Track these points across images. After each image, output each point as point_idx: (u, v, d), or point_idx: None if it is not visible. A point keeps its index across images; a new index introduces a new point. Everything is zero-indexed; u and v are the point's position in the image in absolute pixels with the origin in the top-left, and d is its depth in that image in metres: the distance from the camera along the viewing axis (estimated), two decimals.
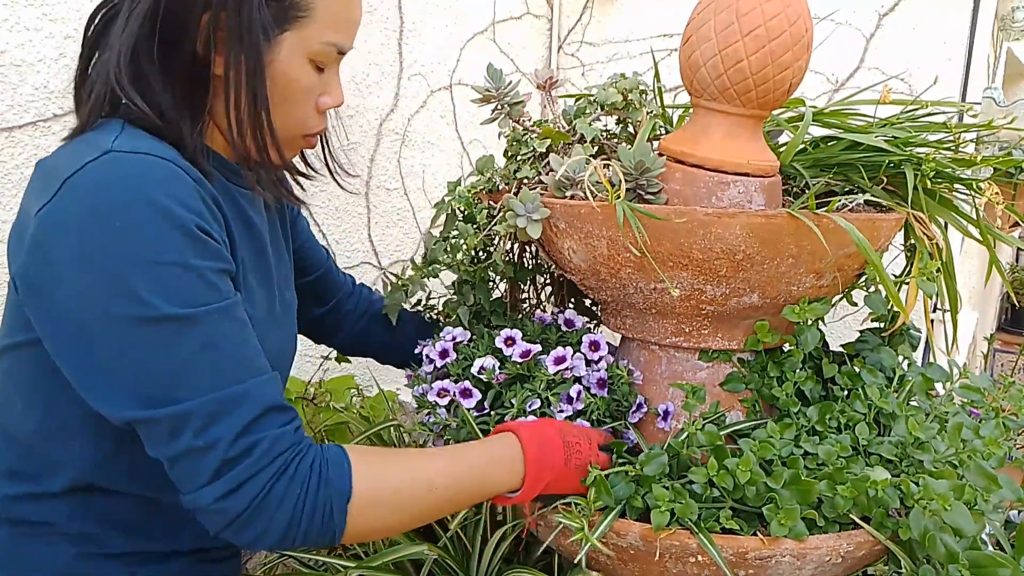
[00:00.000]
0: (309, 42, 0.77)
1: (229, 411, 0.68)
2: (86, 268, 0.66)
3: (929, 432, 0.88)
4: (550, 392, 0.89)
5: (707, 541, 0.78)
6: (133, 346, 0.66)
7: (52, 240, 0.67)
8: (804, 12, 0.85)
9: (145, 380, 0.67)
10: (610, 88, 0.99)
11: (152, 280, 0.66)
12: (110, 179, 0.67)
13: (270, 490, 0.69)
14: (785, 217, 0.80)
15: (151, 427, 0.68)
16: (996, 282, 3.50)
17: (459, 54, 1.91)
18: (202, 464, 0.68)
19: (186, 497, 0.70)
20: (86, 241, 0.65)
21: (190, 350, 0.67)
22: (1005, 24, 2.08)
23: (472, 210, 0.96)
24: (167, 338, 0.66)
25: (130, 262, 0.65)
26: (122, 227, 0.65)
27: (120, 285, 0.65)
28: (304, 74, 0.78)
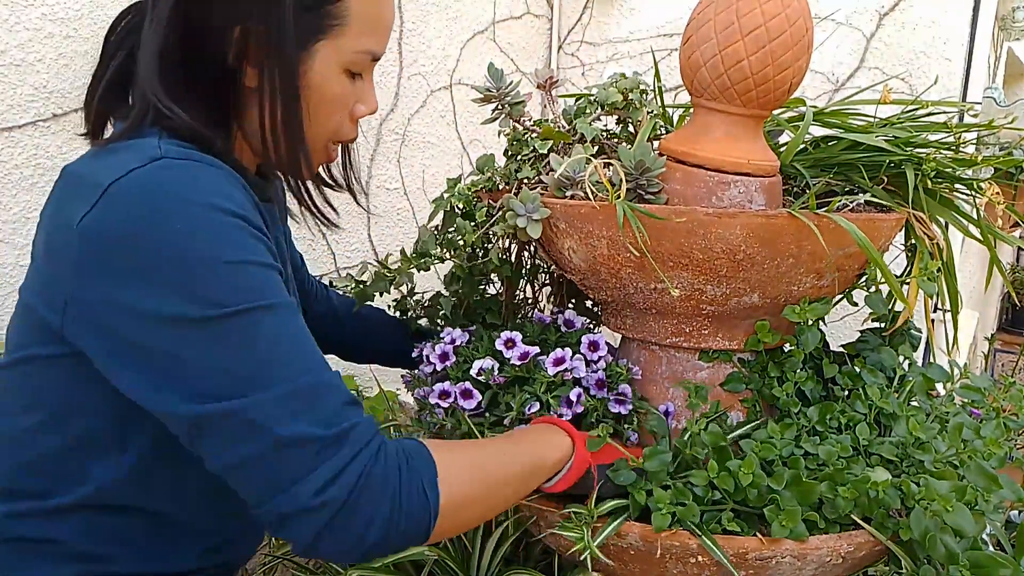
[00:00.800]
0: (343, 51, 0.75)
1: (315, 399, 0.65)
2: (152, 274, 0.63)
3: (930, 432, 0.88)
4: (550, 394, 0.89)
5: (709, 541, 0.78)
6: (215, 343, 0.64)
7: (103, 248, 0.64)
8: (804, 12, 0.85)
9: (222, 375, 0.63)
10: (610, 88, 0.99)
11: (224, 278, 0.64)
12: (164, 183, 0.65)
13: (368, 475, 0.65)
14: (786, 217, 0.80)
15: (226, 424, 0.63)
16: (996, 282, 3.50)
17: (459, 54, 1.91)
18: (295, 456, 0.63)
19: (277, 500, 0.64)
20: (147, 247, 0.63)
21: (272, 339, 0.65)
22: (1006, 24, 2.08)
23: (471, 208, 0.96)
24: (248, 330, 0.64)
25: (199, 263, 0.63)
26: (184, 229, 0.63)
27: (193, 288, 0.63)
28: (339, 83, 0.77)
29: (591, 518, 0.80)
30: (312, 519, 0.64)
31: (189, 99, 0.72)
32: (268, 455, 0.63)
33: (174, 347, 0.64)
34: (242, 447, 0.63)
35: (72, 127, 1.23)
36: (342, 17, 0.74)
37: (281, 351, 0.65)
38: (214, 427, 0.64)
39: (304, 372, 0.66)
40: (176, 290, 0.63)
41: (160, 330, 0.64)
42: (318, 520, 0.64)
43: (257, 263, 0.67)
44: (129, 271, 0.64)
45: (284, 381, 0.64)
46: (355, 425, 0.67)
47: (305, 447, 0.64)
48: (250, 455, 0.64)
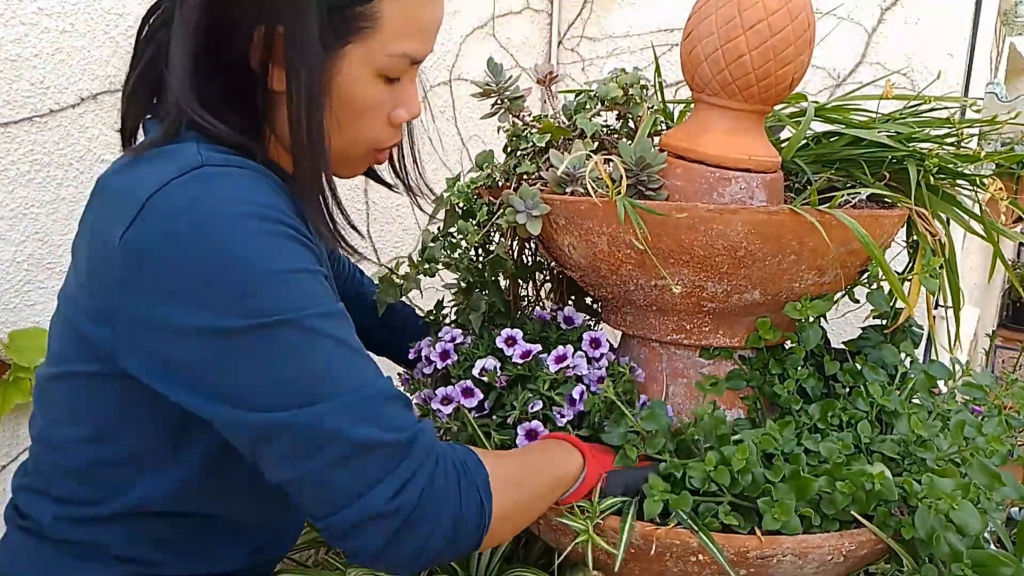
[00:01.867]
0: (375, 55, 0.70)
1: (382, 403, 0.65)
2: (200, 289, 0.62)
3: (931, 430, 0.88)
4: (553, 392, 0.89)
5: (708, 540, 0.78)
6: (271, 353, 0.62)
7: (147, 264, 0.63)
8: (806, 7, 0.85)
9: (284, 385, 0.62)
10: (611, 83, 0.98)
11: (274, 287, 0.62)
12: (206, 193, 0.63)
13: (433, 482, 0.65)
14: (787, 213, 0.80)
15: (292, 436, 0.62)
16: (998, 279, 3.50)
17: (458, 49, 1.90)
18: (365, 463, 0.63)
19: (346, 512, 0.63)
20: (192, 261, 0.61)
21: (328, 347, 0.64)
22: (1008, 19, 2.07)
23: (471, 206, 0.96)
24: (303, 339, 0.63)
25: (246, 274, 0.62)
26: (228, 241, 0.62)
27: (243, 299, 0.62)
28: (372, 89, 0.72)
29: (594, 512, 0.80)
30: (385, 525, 0.63)
31: (221, 105, 0.70)
32: (340, 464, 0.63)
33: (230, 361, 0.62)
34: (310, 459, 0.63)
35: (69, 122, 1.23)
36: (373, 19, 0.69)
37: (339, 359, 0.64)
38: (281, 439, 0.63)
39: (364, 379, 0.65)
40: (226, 303, 0.62)
41: (216, 343, 0.62)
42: (390, 525, 0.63)
43: (305, 270, 0.65)
44: (176, 287, 0.62)
45: (347, 390, 0.63)
46: (420, 431, 0.66)
47: (376, 452, 0.63)
48: (319, 466, 0.63)
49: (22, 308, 1.24)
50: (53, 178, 1.23)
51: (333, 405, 0.62)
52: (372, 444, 0.63)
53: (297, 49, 0.67)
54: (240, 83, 0.71)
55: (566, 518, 0.80)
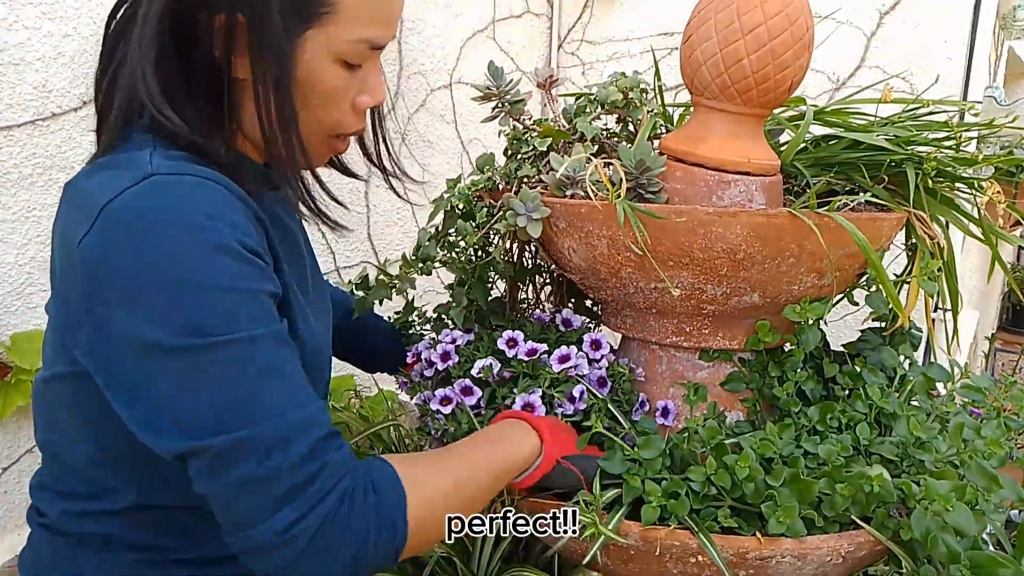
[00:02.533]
0: (335, 40, 0.71)
1: (293, 436, 0.65)
2: (137, 299, 0.63)
3: (930, 432, 0.88)
4: (554, 390, 0.89)
5: (707, 541, 0.78)
6: (192, 375, 0.63)
7: (99, 272, 0.64)
8: (805, 10, 0.85)
9: (205, 408, 0.63)
10: (610, 87, 0.99)
11: (207, 306, 0.63)
12: (153, 205, 0.64)
13: (335, 514, 0.65)
14: (786, 216, 0.80)
15: (206, 457, 0.63)
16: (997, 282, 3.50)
17: (459, 52, 1.91)
18: (264, 494, 0.63)
19: (243, 535, 0.64)
20: (134, 271, 0.62)
21: (251, 374, 0.64)
22: (1006, 22, 2.07)
23: (471, 207, 0.96)
24: (227, 363, 0.63)
25: (183, 290, 0.62)
26: (170, 255, 0.62)
27: (174, 314, 0.62)
28: (332, 75, 0.73)
29: (598, 505, 0.80)
30: (283, 551, 0.64)
31: (183, 97, 0.71)
32: (241, 490, 0.64)
33: (154, 377, 0.63)
34: (217, 481, 0.64)
35: (71, 126, 1.23)
36: (332, 5, 0.70)
37: (264, 386, 0.65)
38: (194, 460, 0.64)
39: (284, 409, 0.65)
40: (159, 316, 0.62)
41: (142, 358, 0.63)
42: (288, 552, 0.64)
43: (246, 290, 0.65)
44: (118, 296, 0.63)
45: (263, 420, 0.64)
46: (326, 464, 0.66)
47: (273, 484, 0.64)
48: (225, 487, 0.64)
49: (24, 311, 1.24)
50: (55, 181, 1.24)
51: (249, 433, 0.63)
52: (273, 477, 0.64)
53: (260, 36, 0.68)
54: (204, 74, 0.71)
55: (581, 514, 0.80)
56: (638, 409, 0.93)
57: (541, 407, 0.87)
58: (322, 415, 0.68)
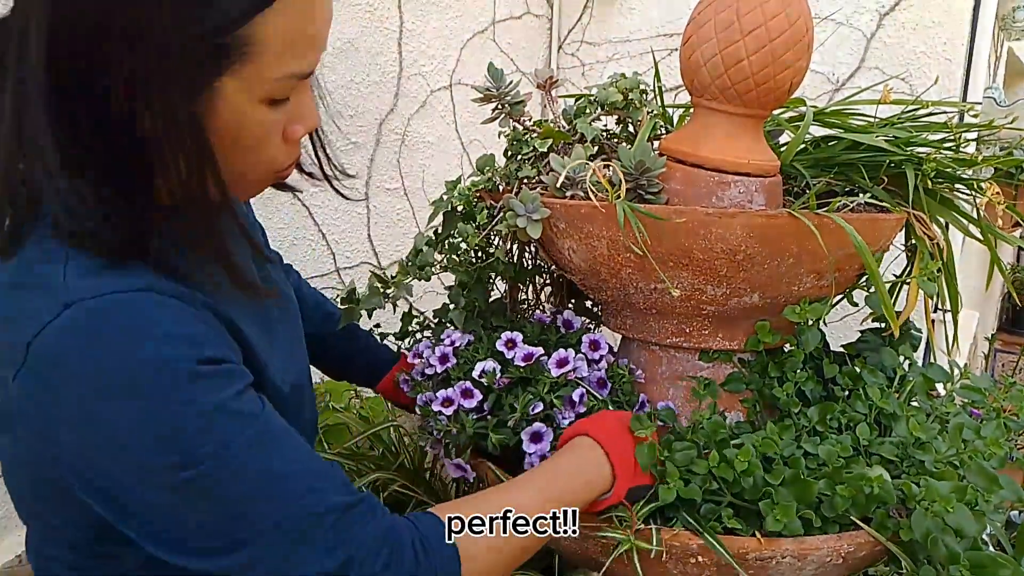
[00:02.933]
0: (257, 82, 0.60)
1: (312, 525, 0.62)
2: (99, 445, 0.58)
3: (930, 432, 0.88)
4: (554, 395, 0.89)
5: (712, 539, 0.78)
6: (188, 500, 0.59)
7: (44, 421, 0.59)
8: (805, 12, 0.85)
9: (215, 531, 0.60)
10: (610, 88, 0.99)
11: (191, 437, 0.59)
12: (84, 342, 0.57)
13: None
14: (786, 217, 0.80)
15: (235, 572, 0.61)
16: (997, 282, 3.50)
17: (459, 54, 1.91)
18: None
19: None
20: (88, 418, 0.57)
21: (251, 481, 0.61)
22: (1006, 24, 2.08)
23: (471, 209, 0.96)
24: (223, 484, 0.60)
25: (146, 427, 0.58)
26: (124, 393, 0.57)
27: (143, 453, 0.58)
28: (258, 116, 0.63)
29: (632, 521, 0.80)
30: None
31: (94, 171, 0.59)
32: None
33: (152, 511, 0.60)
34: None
35: None
36: (248, 45, 0.58)
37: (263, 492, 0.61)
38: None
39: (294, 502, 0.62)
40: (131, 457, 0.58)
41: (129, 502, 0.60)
42: None
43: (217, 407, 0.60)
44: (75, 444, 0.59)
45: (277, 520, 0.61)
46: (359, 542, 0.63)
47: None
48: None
49: None
50: None
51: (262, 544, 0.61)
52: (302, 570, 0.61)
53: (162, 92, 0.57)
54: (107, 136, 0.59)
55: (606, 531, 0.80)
56: (638, 410, 0.93)
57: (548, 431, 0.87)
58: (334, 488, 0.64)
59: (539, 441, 0.87)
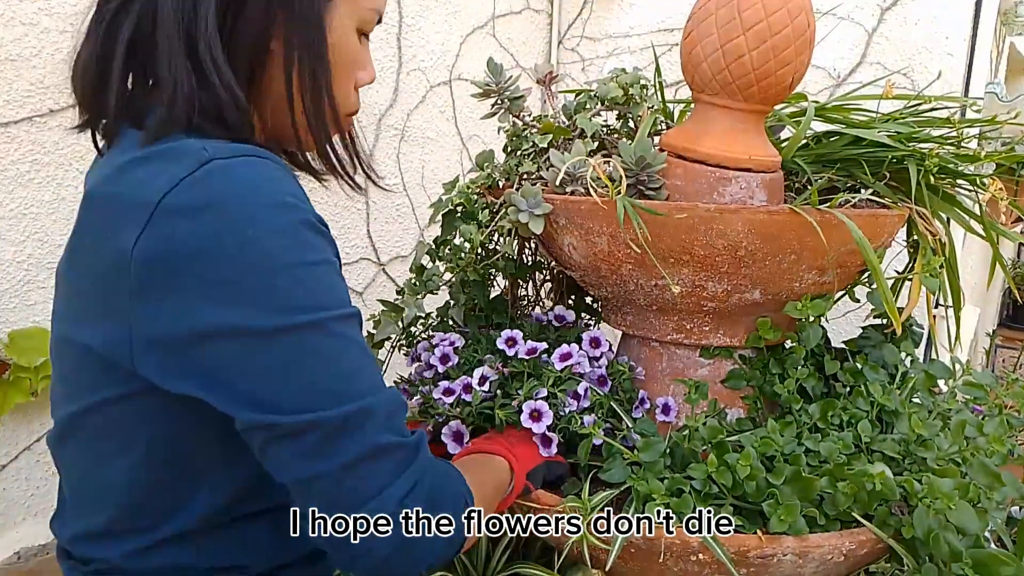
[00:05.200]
0: (359, 7, 0.70)
1: (397, 408, 0.65)
2: (232, 289, 0.59)
3: (932, 429, 0.88)
4: (557, 389, 0.89)
5: (711, 540, 0.78)
6: (303, 354, 0.61)
7: (170, 272, 0.59)
8: (806, 7, 0.85)
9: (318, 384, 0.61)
10: (611, 83, 0.98)
11: (306, 284, 0.61)
12: (224, 189, 0.60)
13: (434, 486, 0.66)
14: (787, 213, 0.80)
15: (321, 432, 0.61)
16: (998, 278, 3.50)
17: (458, 49, 1.90)
18: (382, 464, 0.63)
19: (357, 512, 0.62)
20: (222, 260, 0.59)
21: (358, 348, 0.64)
22: (1008, 19, 2.07)
23: (472, 207, 0.95)
24: (340, 338, 0.62)
25: (276, 271, 0.60)
26: (257, 235, 0.59)
27: (273, 297, 0.60)
28: (353, 44, 0.71)
29: (587, 511, 0.80)
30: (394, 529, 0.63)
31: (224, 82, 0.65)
32: (360, 462, 0.62)
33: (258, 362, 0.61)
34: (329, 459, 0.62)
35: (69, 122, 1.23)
36: None
37: (359, 363, 0.64)
38: (301, 438, 0.61)
39: (379, 384, 0.65)
40: (261, 300, 0.59)
41: (243, 345, 0.60)
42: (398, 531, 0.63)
43: (332, 264, 0.64)
44: (206, 289, 0.59)
45: (368, 393, 0.63)
46: (421, 438, 0.66)
47: (391, 456, 0.63)
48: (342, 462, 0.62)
49: (22, 308, 1.24)
50: (53, 178, 1.23)
51: (357, 407, 0.62)
52: (389, 447, 0.63)
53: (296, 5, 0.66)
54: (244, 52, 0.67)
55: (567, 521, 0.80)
56: (638, 407, 0.93)
57: (548, 412, 0.87)
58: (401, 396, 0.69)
59: (538, 420, 0.86)
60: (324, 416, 0.61)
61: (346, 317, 0.63)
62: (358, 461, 0.62)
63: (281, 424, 0.61)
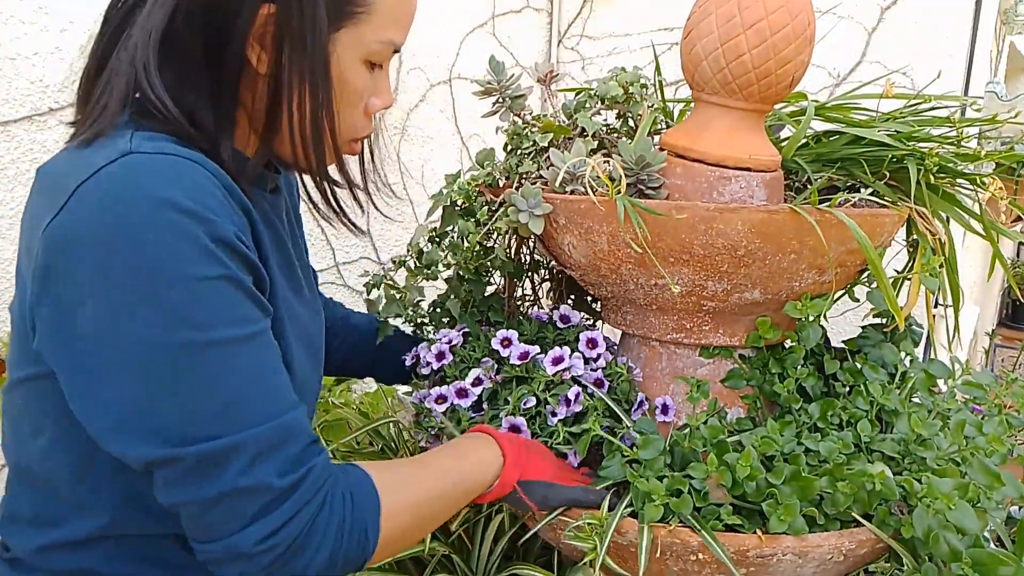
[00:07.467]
0: (365, 41, 0.70)
1: (279, 444, 0.62)
2: (113, 291, 0.58)
3: (931, 429, 0.88)
4: (548, 393, 0.88)
5: (710, 538, 0.78)
6: (176, 375, 0.59)
7: (67, 260, 0.59)
8: (806, 5, 0.84)
9: (186, 413, 0.59)
10: (611, 82, 0.98)
11: (198, 299, 0.59)
12: (133, 184, 0.59)
13: (313, 523, 0.64)
14: (787, 212, 0.80)
15: (182, 467, 0.60)
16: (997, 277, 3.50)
17: (458, 48, 1.90)
18: (244, 504, 0.61)
19: (217, 544, 0.62)
20: (111, 259, 0.57)
21: (241, 375, 0.61)
22: (1008, 18, 2.07)
23: (471, 203, 0.95)
24: (218, 363, 0.60)
25: (169, 280, 0.58)
26: (154, 240, 0.57)
27: (159, 308, 0.58)
28: (358, 76, 0.72)
29: (601, 528, 0.80)
30: (251, 563, 0.63)
31: (195, 82, 0.67)
32: (221, 500, 0.61)
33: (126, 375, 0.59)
34: (193, 490, 0.61)
35: (68, 121, 1.23)
36: (368, 4, 0.69)
37: (252, 390, 0.62)
38: (171, 468, 0.60)
39: (271, 415, 0.62)
40: (136, 308, 0.58)
41: (113, 352, 0.58)
42: (259, 564, 0.63)
43: (235, 280, 0.61)
44: (87, 283, 0.58)
45: (251, 425, 0.61)
46: (310, 471, 0.64)
47: (259, 495, 0.62)
48: (203, 497, 0.61)
49: None
50: None
51: (230, 442, 0.60)
52: (251, 489, 0.61)
53: (299, 30, 0.66)
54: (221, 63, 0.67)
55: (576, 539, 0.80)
56: (637, 408, 0.93)
57: (526, 431, 0.87)
58: (305, 421, 0.66)
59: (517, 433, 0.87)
60: (180, 453, 0.59)
61: (236, 339, 0.61)
62: (216, 499, 0.61)
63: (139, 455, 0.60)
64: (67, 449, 0.69)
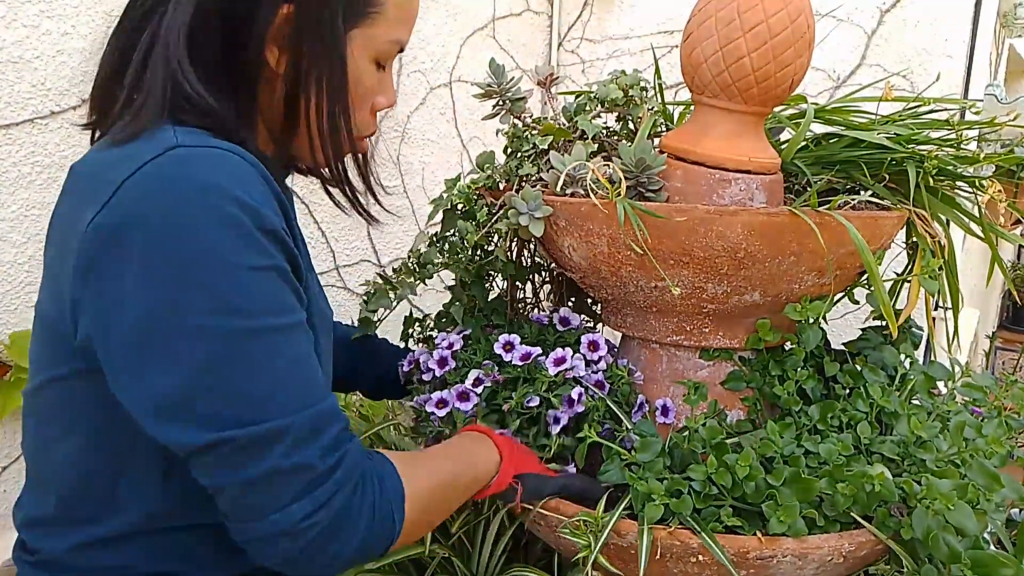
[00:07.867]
0: (377, 40, 0.73)
1: (322, 427, 0.64)
2: (165, 281, 0.58)
3: (931, 431, 0.88)
4: (551, 394, 0.89)
5: (710, 540, 0.78)
6: (225, 362, 0.60)
7: (116, 251, 0.59)
8: (806, 8, 0.85)
9: (234, 398, 0.60)
10: (611, 85, 0.98)
11: (246, 288, 0.60)
12: (182, 176, 0.60)
13: (349, 504, 0.65)
14: (787, 215, 0.80)
15: (227, 449, 0.61)
16: (997, 280, 3.50)
17: (459, 51, 1.90)
18: (289, 483, 0.62)
19: (257, 524, 0.63)
20: (162, 248, 0.58)
21: (285, 362, 0.62)
22: (1007, 20, 2.07)
23: (472, 206, 0.96)
24: (264, 350, 0.61)
25: (217, 269, 0.59)
26: (205, 229, 0.59)
27: (208, 296, 0.59)
28: (368, 74, 0.74)
29: (597, 526, 0.80)
30: (296, 540, 0.64)
31: (217, 82, 0.68)
32: (262, 480, 0.62)
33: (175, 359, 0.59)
34: (236, 474, 0.62)
35: (71, 124, 1.23)
36: (380, 5, 0.71)
37: (295, 376, 0.63)
38: (218, 453, 0.61)
39: (312, 400, 0.64)
40: (186, 294, 0.59)
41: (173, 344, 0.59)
42: (301, 542, 0.64)
43: (281, 270, 0.63)
44: (139, 275, 0.59)
45: (295, 410, 0.62)
46: (347, 453, 0.66)
47: (301, 476, 0.63)
48: (248, 478, 0.62)
49: (23, 309, 1.24)
50: (55, 180, 1.23)
51: (275, 426, 0.61)
52: (295, 469, 0.63)
53: (316, 30, 0.68)
54: (242, 62, 0.69)
55: (571, 534, 0.80)
56: (637, 411, 0.93)
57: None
58: (338, 407, 0.68)
59: None
60: (226, 436, 0.60)
61: (282, 328, 0.62)
62: (260, 480, 0.62)
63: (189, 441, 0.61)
64: (104, 446, 0.69)
